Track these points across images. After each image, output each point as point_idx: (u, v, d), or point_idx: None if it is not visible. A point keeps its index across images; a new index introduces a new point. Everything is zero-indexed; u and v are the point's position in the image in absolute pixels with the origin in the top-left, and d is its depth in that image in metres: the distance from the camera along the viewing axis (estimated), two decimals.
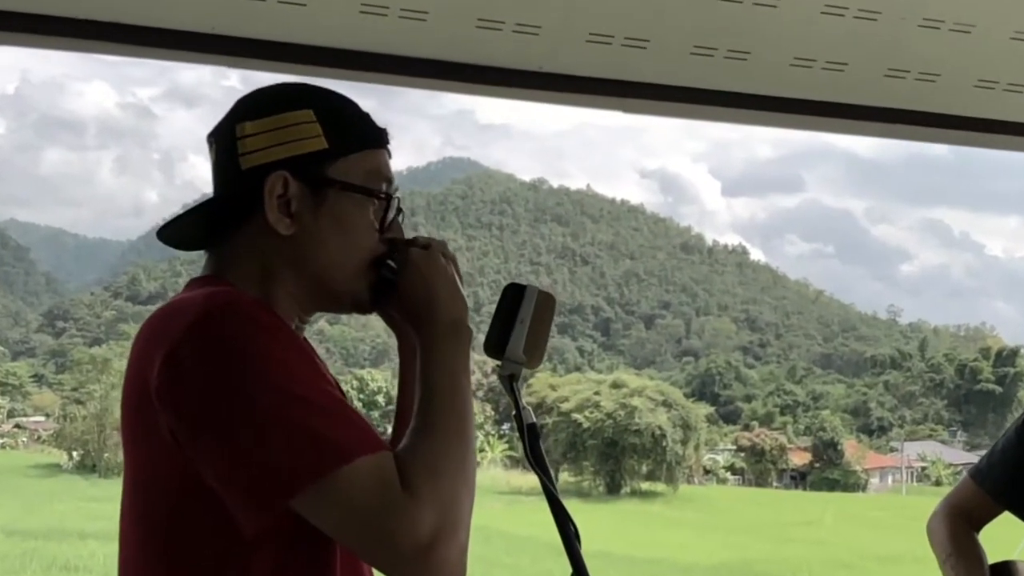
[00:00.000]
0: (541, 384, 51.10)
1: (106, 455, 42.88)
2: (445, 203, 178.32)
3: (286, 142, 1.31)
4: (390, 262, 1.36)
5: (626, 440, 47.00)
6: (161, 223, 1.39)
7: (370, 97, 1.38)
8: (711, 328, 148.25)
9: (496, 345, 1.39)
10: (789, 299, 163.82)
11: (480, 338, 1.45)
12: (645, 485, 48.72)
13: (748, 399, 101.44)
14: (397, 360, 1.48)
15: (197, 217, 1.37)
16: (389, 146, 1.39)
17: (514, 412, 1.38)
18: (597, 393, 49.07)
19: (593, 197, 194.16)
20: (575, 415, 47.57)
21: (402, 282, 1.35)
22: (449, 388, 1.27)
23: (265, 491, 1.15)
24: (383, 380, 55.78)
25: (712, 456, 64.51)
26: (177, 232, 1.39)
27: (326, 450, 1.15)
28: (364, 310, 1.38)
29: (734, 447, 67.20)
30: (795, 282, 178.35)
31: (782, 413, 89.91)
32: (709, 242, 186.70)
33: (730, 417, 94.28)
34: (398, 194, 1.39)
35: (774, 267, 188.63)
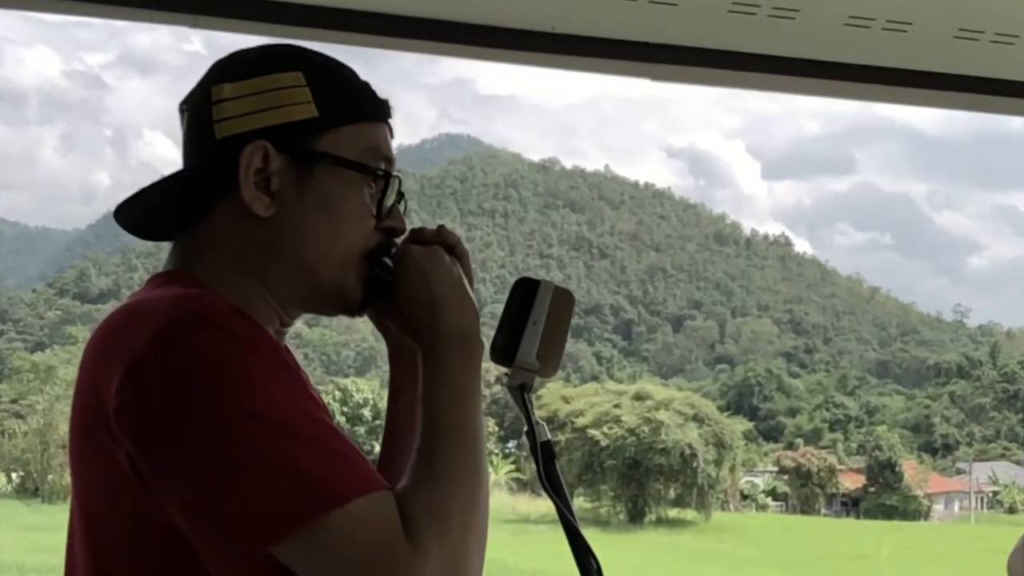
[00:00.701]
0: (553, 396, 51.12)
1: (50, 477, 42.95)
2: (441, 187, 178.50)
3: (269, 108, 1.29)
4: (386, 259, 1.34)
5: (651, 460, 46.97)
6: (117, 205, 1.33)
7: (353, 62, 1.37)
8: (749, 331, 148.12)
9: (504, 350, 1.36)
10: (839, 297, 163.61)
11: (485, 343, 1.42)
12: (673, 512, 48.71)
13: (792, 413, 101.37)
14: (387, 368, 1.45)
15: (161, 196, 1.33)
16: (391, 121, 1.37)
17: (525, 428, 1.36)
18: (617, 406, 49.06)
19: (612, 180, 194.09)
20: (592, 431, 47.57)
21: (399, 284, 1.32)
22: (456, 415, 1.25)
23: (242, 538, 1.13)
24: (370, 391, 55.84)
25: (750, 479, 64.47)
26: (138, 215, 1.35)
27: (314, 490, 1.12)
28: (353, 311, 1.36)
29: (776, 468, 67.17)
30: (846, 278, 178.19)
31: (831, 429, 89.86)
32: (747, 232, 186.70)
33: (771, 434, 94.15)
34: (399, 176, 1.36)
35: (822, 260, 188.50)
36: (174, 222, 1.34)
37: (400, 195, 1.37)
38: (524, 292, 1.39)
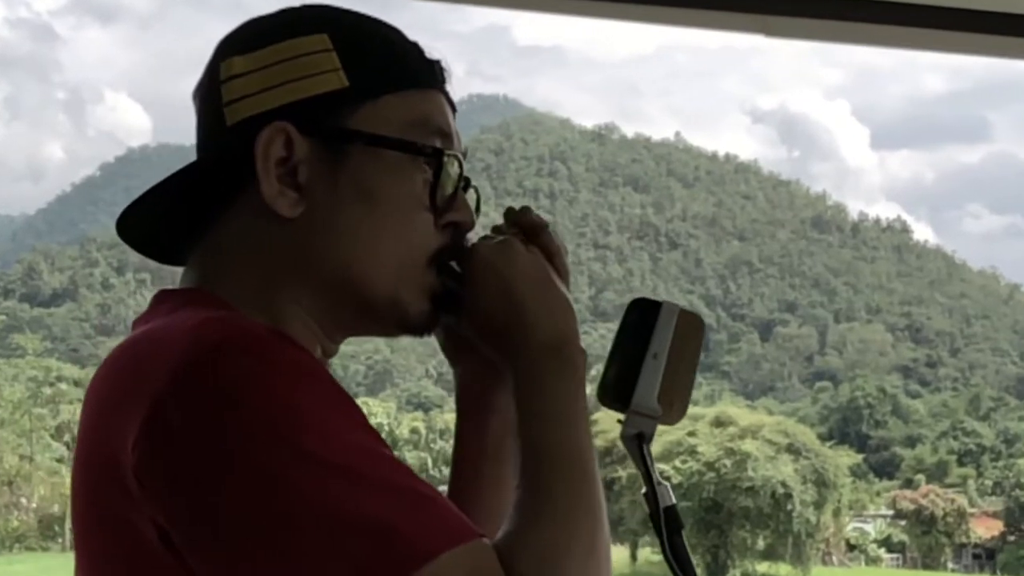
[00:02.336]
0: (609, 420, 50.79)
1: None
2: (471, 161, 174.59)
3: (289, 81, 1.27)
4: (453, 264, 1.33)
5: (735, 502, 46.92)
6: (120, 214, 1.33)
7: (362, 4, 1.34)
8: (856, 340, 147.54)
9: (617, 391, 1.35)
10: (971, 298, 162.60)
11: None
12: (763, 567, 48.62)
13: (911, 443, 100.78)
14: (404, 387, 1.39)
15: (171, 200, 1.31)
16: (447, 88, 1.36)
17: (644, 490, 1.34)
18: (692, 434, 49.00)
19: (684, 151, 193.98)
20: (661, 466, 47.48)
21: (472, 293, 1.32)
22: (560, 442, 1.25)
23: None
24: (384, 414, 56.14)
25: (859, 525, 64.23)
26: (147, 227, 1.35)
27: (395, 546, 1.10)
28: (417, 330, 1.35)
29: (891, 512, 66.93)
30: (979, 273, 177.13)
31: (961, 463, 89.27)
32: (853, 215, 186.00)
33: (885, 469, 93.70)
34: (457, 155, 1.34)
35: (948, 251, 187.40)
36: (187, 230, 1.33)
37: (464, 180, 1.35)
38: (641, 317, 1.37)
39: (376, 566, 1.09)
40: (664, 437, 48.96)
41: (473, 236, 1.38)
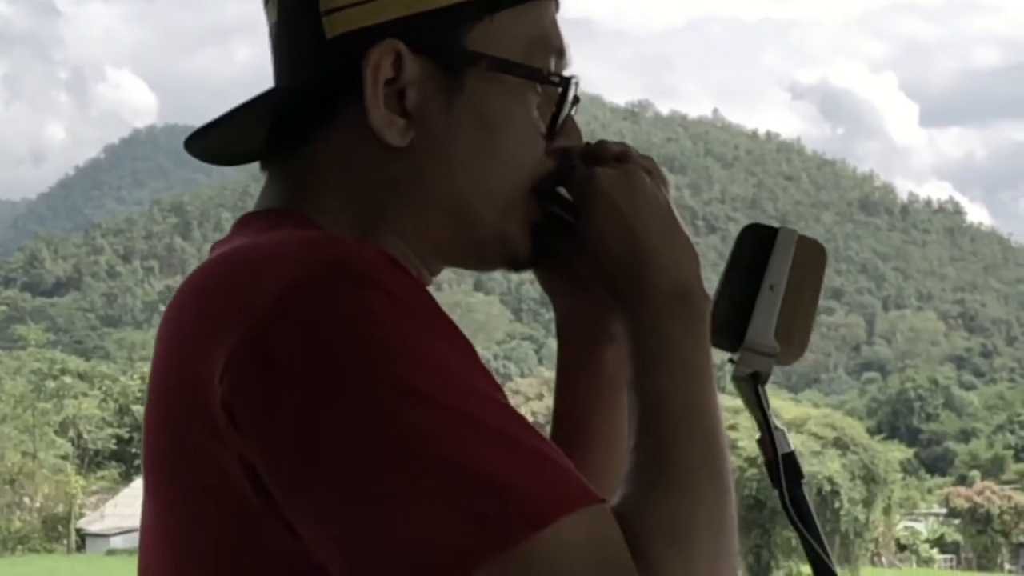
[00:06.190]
0: None
1: None
2: None
3: None
4: (561, 190, 1.28)
5: (778, 500, 46.69)
6: (191, 134, 1.28)
7: None
8: (907, 328, 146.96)
9: (729, 326, 1.30)
10: None
11: None
12: (807, 568, 48.31)
13: (965, 437, 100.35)
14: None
15: (250, 121, 1.26)
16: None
17: (758, 436, 1.31)
18: (733, 427, 48.48)
19: (723, 129, 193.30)
20: None
21: (586, 222, 1.27)
22: (687, 400, 1.19)
23: (421, 570, 1.05)
24: None
25: (910, 524, 63.92)
26: (219, 147, 1.32)
27: (513, 505, 1.04)
28: (520, 264, 1.32)
29: (944, 510, 66.62)
30: None
31: (1018, 458, 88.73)
32: (903, 197, 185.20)
33: (938, 464, 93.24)
34: (575, 77, 1.30)
35: (1004, 234, 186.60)
36: (271, 151, 1.28)
37: (576, 100, 1.31)
38: (755, 245, 1.33)
39: (489, 526, 1.03)
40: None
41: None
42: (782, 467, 1.29)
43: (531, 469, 1.06)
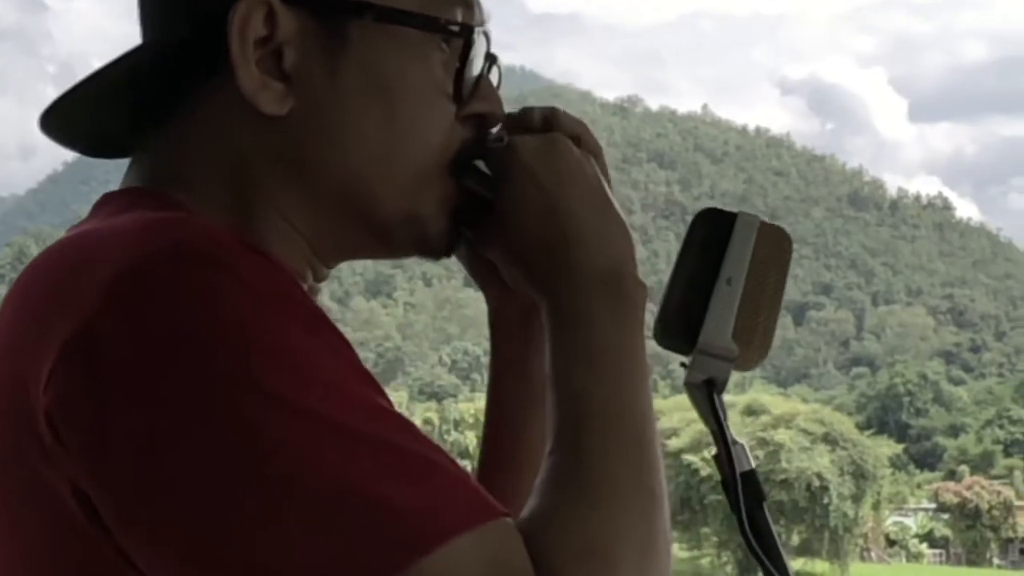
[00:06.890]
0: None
1: None
2: None
3: None
4: (478, 163, 1.14)
5: (768, 495, 47.03)
6: (48, 106, 1.11)
7: None
8: (896, 323, 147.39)
9: (681, 325, 1.16)
10: (1017, 278, 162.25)
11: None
12: (798, 564, 48.67)
13: (954, 432, 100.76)
14: (417, 376, 1.15)
15: (114, 91, 1.11)
16: None
17: (715, 452, 1.16)
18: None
19: (712, 124, 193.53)
20: (688, 457, 47.69)
21: (505, 199, 1.12)
22: (612, 397, 1.04)
23: None
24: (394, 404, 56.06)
25: (899, 519, 64.29)
26: (80, 123, 1.15)
27: (396, 525, 0.89)
28: (436, 251, 1.17)
29: (933, 505, 66.91)
30: None
31: (1007, 453, 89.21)
32: (892, 192, 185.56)
33: (927, 460, 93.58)
34: (488, 31, 1.16)
35: (993, 229, 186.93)
36: (134, 123, 1.13)
37: (491, 58, 1.16)
38: (710, 232, 1.18)
39: (372, 551, 0.89)
40: (692, 427, 48.89)
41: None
42: (740, 488, 1.14)
43: (416, 482, 0.92)
